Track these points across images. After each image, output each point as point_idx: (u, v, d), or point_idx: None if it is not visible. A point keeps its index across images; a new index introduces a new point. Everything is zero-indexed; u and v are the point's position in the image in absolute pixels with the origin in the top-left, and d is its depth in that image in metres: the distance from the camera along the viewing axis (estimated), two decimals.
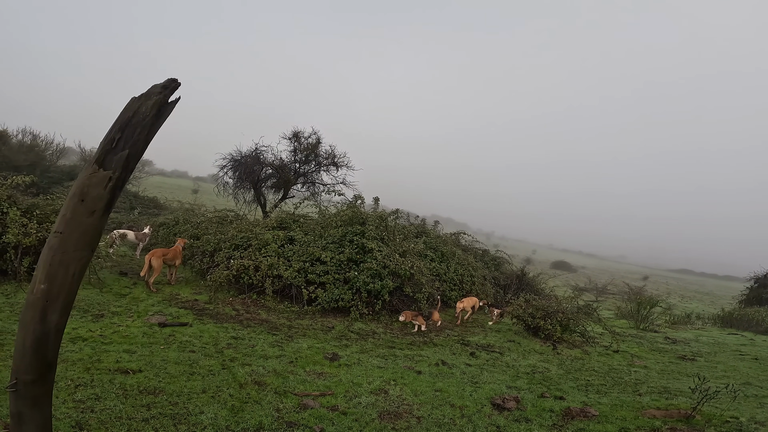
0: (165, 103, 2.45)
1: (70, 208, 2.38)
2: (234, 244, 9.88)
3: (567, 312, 9.62)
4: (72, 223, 2.37)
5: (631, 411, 5.48)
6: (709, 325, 17.66)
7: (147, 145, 2.48)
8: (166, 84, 2.43)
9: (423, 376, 6.07)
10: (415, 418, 4.67)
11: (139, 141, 2.42)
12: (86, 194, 2.37)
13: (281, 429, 3.97)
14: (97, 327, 6.04)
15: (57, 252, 2.37)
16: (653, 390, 6.64)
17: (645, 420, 5.22)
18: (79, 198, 2.37)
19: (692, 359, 9.39)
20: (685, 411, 5.38)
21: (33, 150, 20.09)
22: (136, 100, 2.43)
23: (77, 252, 2.39)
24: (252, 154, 16.42)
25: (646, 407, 5.65)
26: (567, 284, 28.42)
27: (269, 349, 6.21)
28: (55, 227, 2.41)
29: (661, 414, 5.38)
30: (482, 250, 16.55)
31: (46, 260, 2.38)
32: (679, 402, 5.91)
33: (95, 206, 2.39)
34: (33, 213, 7.96)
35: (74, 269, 2.40)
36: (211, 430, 3.75)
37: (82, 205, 2.37)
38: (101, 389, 4.16)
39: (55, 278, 2.37)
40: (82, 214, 2.37)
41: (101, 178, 2.38)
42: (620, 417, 5.25)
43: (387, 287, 9.16)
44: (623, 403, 5.78)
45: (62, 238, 2.37)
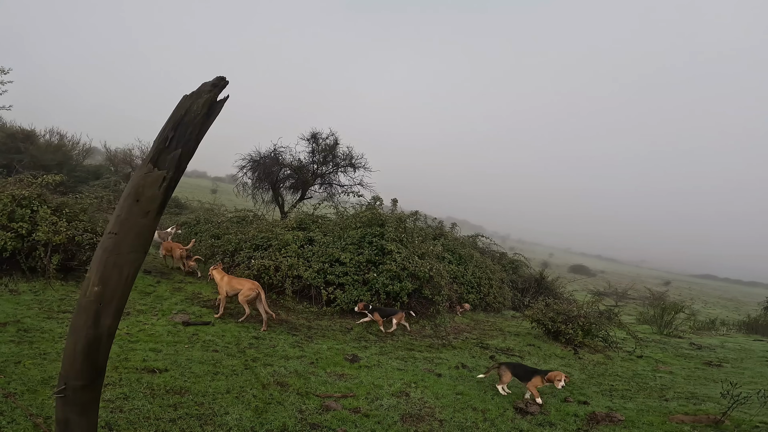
0: (215, 101, 2.40)
1: (125, 209, 2.33)
2: (254, 244, 9.98)
3: (589, 316, 9.45)
4: (127, 224, 2.32)
5: (658, 416, 5.39)
6: (734, 331, 17.18)
7: (198, 143, 2.43)
8: (216, 82, 2.39)
9: (443, 378, 6.05)
10: (437, 421, 4.65)
11: (191, 140, 2.37)
12: (141, 194, 2.32)
13: (305, 430, 3.99)
14: (124, 325, 6.16)
15: (111, 254, 2.32)
16: (680, 395, 6.51)
17: (673, 425, 5.15)
18: (135, 198, 2.32)
19: (718, 365, 9.15)
20: (714, 416, 5.29)
21: (60, 150, 20.63)
22: (188, 98, 2.39)
23: (131, 254, 2.35)
24: (271, 154, 16.56)
25: (673, 412, 5.57)
26: (586, 288, 27.95)
27: (290, 350, 6.25)
28: (109, 228, 2.37)
29: (689, 419, 5.31)
30: (500, 253, 16.40)
31: (101, 262, 2.32)
32: (708, 407, 5.79)
33: (149, 207, 2.34)
34: (62, 211, 8.16)
35: (128, 271, 2.36)
36: (236, 431, 3.78)
37: (137, 206, 2.32)
38: (129, 389, 4.24)
39: (109, 280, 2.32)
40: (136, 214, 2.32)
41: (156, 178, 2.33)
42: (647, 422, 5.17)
43: (406, 289, 9.15)
44: (650, 408, 5.70)
45: (117, 239, 2.32)
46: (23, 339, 5.15)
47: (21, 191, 7.86)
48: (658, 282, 53.24)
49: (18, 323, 5.62)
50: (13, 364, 4.39)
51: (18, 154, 18.58)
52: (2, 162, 17.55)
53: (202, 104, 2.35)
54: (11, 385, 3.97)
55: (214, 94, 2.38)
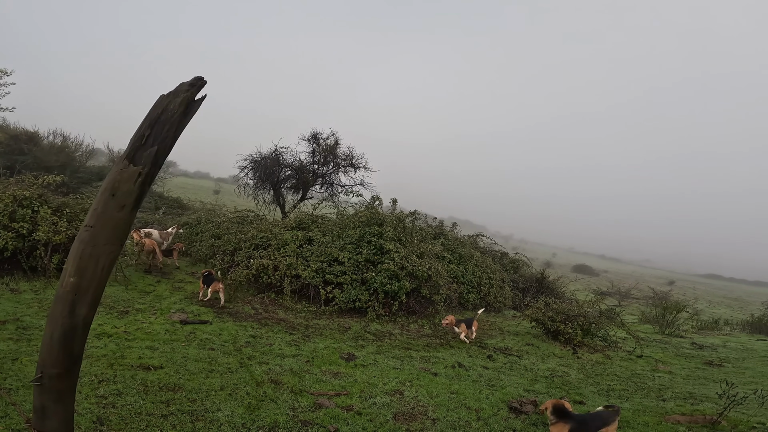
0: (192, 100, 2.49)
1: (101, 203, 2.43)
2: (254, 244, 10.04)
3: (588, 316, 9.42)
4: (103, 218, 2.42)
5: (654, 416, 5.37)
6: (738, 330, 17.05)
7: (175, 141, 2.52)
8: (193, 82, 2.47)
9: (439, 377, 6.05)
10: (430, 419, 4.65)
11: (168, 138, 2.46)
12: (117, 189, 2.42)
13: (296, 428, 4.01)
14: (122, 323, 6.22)
15: (88, 245, 2.41)
16: (678, 395, 6.47)
17: (669, 426, 5.12)
18: (110, 193, 2.42)
19: (719, 365, 9.09)
20: (711, 417, 5.27)
21: (63, 151, 20.78)
22: (165, 97, 2.47)
23: (107, 246, 2.44)
24: (271, 155, 16.65)
25: (669, 413, 5.54)
26: (588, 288, 27.84)
27: (286, 348, 6.28)
28: (86, 221, 2.46)
29: (685, 419, 5.28)
30: (501, 253, 16.36)
31: (77, 253, 2.42)
32: (705, 408, 5.76)
33: (125, 201, 2.44)
34: (63, 212, 8.25)
35: (104, 263, 2.45)
36: (227, 427, 3.81)
37: (113, 200, 2.42)
38: (123, 385, 4.28)
39: (85, 271, 2.41)
40: (112, 208, 2.42)
41: (131, 173, 2.42)
42: (643, 422, 5.15)
43: (404, 288, 9.16)
44: (646, 409, 5.67)
45: (93, 232, 2.41)
46: (22, 336, 5.21)
47: (22, 192, 7.95)
48: (662, 282, 52.95)
49: (17, 321, 5.68)
50: (10, 361, 4.44)
51: (21, 156, 18.74)
52: (6, 163, 17.71)
53: (179, 103, 2.44)
54: (7, 381, 4.02)
55: (191, 93, 2.46)
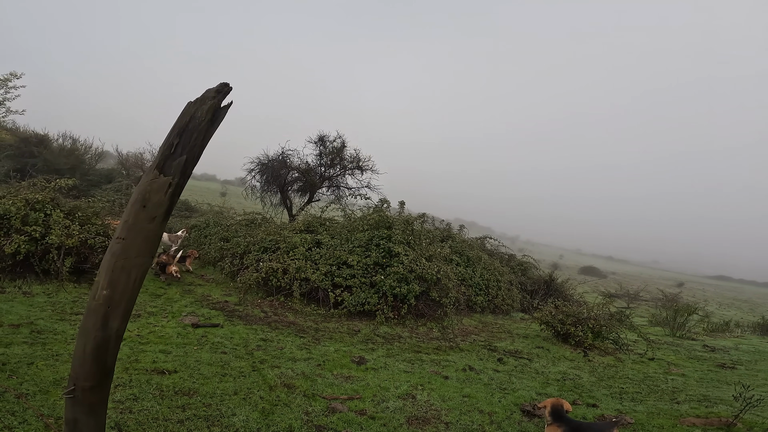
0: (218, 107, 2.45)
1: (132, 215, 2.40)
2: (263, 247, 10.07)
3: (599, 318, 9.36)
4: (134, 230, 2.39)
5: (669, 419, 5.33)
6: (749, 333, 16.86)
7: (203, 149, 2.48)
8: (219, 88, 2.43)
9: (450, 381, 6.03)
10: (443, 423, 4.64)
11: (196, 146, 2.42)
12: (148, 200, 2.39)
13: None
14: (135, 327, 6.25)
15: (120, 258, 2.38)
16: (692, 398, 6.42)
17: (684, 428, 5.10)
18: (141, 204, 2.39)
19: (732, 367, 9.01)
20: (726, 419, 5.23)
21: (73, 154, 20.97)
22: (192, 104, 2.43)
23: (139, 258, 2.42)
24: (279, 158, 16.68)
25: (684, 415, 5.50)
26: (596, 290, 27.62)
27: (297, 352, 6.28)
28: (117, 233, 2.44)
29: (700, 422, 5.24)
30: (508, 255, 16.30)
31: (109, 266, 2.39)
32: (720, 410, 5.71)
33: (156, 212, 2.41)
34: (75, 215, 8.31)
35: (135, 275, 2.43)
36: None
37: (143, 212, 2.39)
38: (139, 389, 4.30)
39: (117, 284, 2.39)
40: (143, 220, 2.40)
41: (162, 184, 2.39)
42: (658, 425, 5.12)
43: (413, 291, 9.14)
44: (660, 411, 5.62)
45: (125, 244, 2.39)
46: (36, 340, 5.24)
47: (34, 195, 8.01)
48: (671, 283, 52.45)
49: (31, 325, 5.72)
50: (26, 365, 4.47)
51: (32, 158, 18.93)
52: (16, 166, 17.89)
53: (207, 110, 2.40)
54: (23, 386, 4.04)
55: (218, 100, 2.42)
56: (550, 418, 4.07)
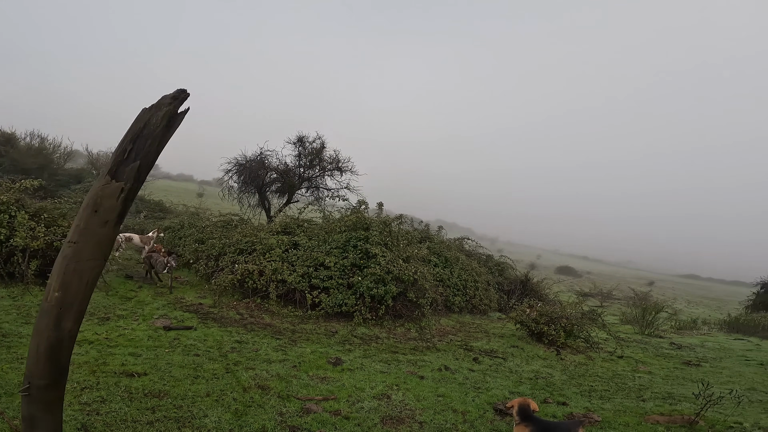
0: (175, 113, 2.49)
1: (83, 219, 2.45)
2: (238, 249, 9.95)
3: (571, 317, 9.58)
4: (86, 234, 2.44)
5: (635, 417, 5.46)
6: (716, 330, 17.52)
7: (158, 155, 2.53)
8: (176, 95, 2.47)
9: (426, 381, 6.08)
10: (417, 423, 4.68)
11: (150, 152, 2.47)
12: (99, 205, 2.44)
13: None
14: (103, 330, 6.11)
15: (71, 261, 2.43)
16: (657, 395, 6.61)
17: (648, 426, 5.21)
18: (93, 209, 2.43)
19: (697, 365, 9.33)
20: (689, 417, 5.36)
21: (41, 153, 20.32)
22: (147, 111, 2.47)
23: (91, 261, 2.46)
24: (257, 158, 16.53)
25: (649, 413, 5.64)
26: (571, 289, 28.26)
27: (273, 354, 6.24)
28: (69, 237, 2.47)
29: (664, 419, 5.37)
30: (486, 255, 16.52)
31: (61, 269, 2.44)
32: (683, 408, 5.89)
33: (108, 217, 2.46)
34: (41, 216, 8.06)
35: (88, 278, 2.47)
36: None
37: (95, 216, 2.43)
38: (107, 392, 4.21)
39: (69, 286, 2.43)
40: (95, 224, 2.44)
41: (114, 189, 2.44)
42: (623, 423, 5.23)
43: (390, 292, 9.18)
44: (626, 409, 5.76)
45: (76, 248, 2.43)
46: (1, 344, 5.09)
47: None
48: (643, 282, 54.03)
49: None
50: None
51: None
52: None
53: (162, 117, 2.45)
54: None
55: (174, 107, 2.48)
56: (518, 417, 4.16)
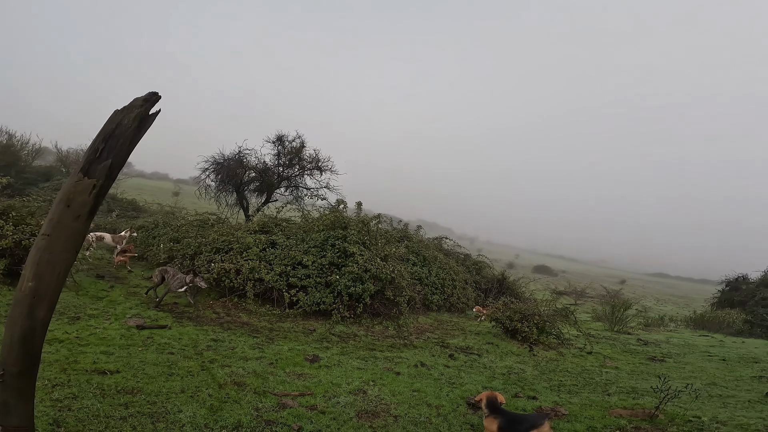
0: (146, 115, 2.63)
1: (57, 213, 2.57)
2: (215, 248, 9.87)
3: (543, 315, 9.84)
4: (59, 227, 2.56)
5: (600, 410, 5.63)
6: (682, 327, 18.16)
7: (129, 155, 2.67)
8: (147, 97, 2.63)
9: (402, 377, 6.18)
10: (392, 417, 4.78)
11: (122, 151, 2.61)
12: (72, 200, 2.56)
13: (260, 427, 4.04)
14: (74, 329, 6.00)
15: (45, 253, 2.54)
16: (622, 390, 6.84)
17: (612, 419, 5.36)
18: (66, 204, 2.56)
19: (662, 360, 9.68)
20: (650, 410, 5.54)
21: (8, 150, 19.62)
22: (119, 112, 2.61)
23: (63, 253, 2.58)
24: (235, 157, 16.36)
25: (613, 407, 5.81)
26: (547, 288, 28.89)
27: (249, 351, 6.24)
28: (42, 230, 2.58)
29: (627, 413, 5.53)
30: (464, 255, 16.76)
31: (35, 260, 2.55)
32: (645, 402, 6.08)
33: (80, 211, 2.58)
34: (9, 215, 7.83)
35: (60, 269, 2.59)
36: (189, 428, 3.80)
37: (68, 211, 2.56)
38: (78, 389, 4.18)
39: (42, 277, 2.54)
40: (68, 218, 2.57)
41: (86, 185, 2.58)
42: (589, 416, 5.39)
43: (368, 291, 9.25)
44: (592, 403, 5.94)
45: (49, 240, 2.55)
46: None
47: None
48: (615, 281, 55.54)
49: None
50: None
51: None
52: None
53: (133, 118, 2.59)
54: None
55: (145, 108, 2.62)
56: (487, 410, 4.32)
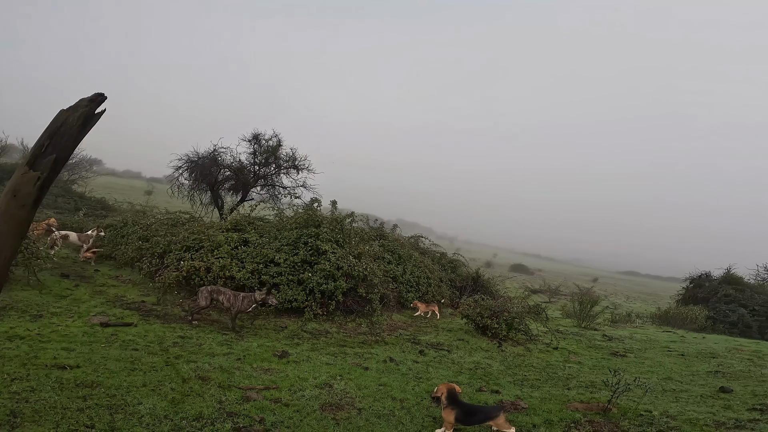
0: (91, 114, 2.78)
1: (3, 203, 2.71)
2: (185, 246, 9.77)
3: (512, 311, 10.04)
4: (5, 215, 2.70)
5: (558, 404, 5.74)
6: (648, 323, 18.69)
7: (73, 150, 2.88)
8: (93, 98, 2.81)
9: (370, 372, 6.26)
10: (356, 409, 4.86)
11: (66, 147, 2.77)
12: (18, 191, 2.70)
13: (221, 418, 4.09)
14: (35, 326, 5.91)
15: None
16: (581, 384, 6.99)
17: (568, 413, 5.45)
18: (12, 194, 2.70)
19: (623, 355, 9.94)
20: (604, 404, 5.64)
21: None
22: (65, 111, 2.75)
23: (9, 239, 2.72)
24: (209, 155, 16.19)
25: (571, 400, 5.93)
26: (523, 286, 29.40)
27: (217, 348, 6.24)
28: None
29: (582, 407, 5.65)
30: (440, 253, 16.98)
31: None
32: (602, 396, 6.20)
33: (25, 201, 2.74)
34: None
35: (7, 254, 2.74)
36: (148, 418, 3.82)
37: (14, 200, 2.71)
38: (37, 382, 4.17)
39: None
40: (13, 207, 2.71)
41: (31, 177, 2.73)
42: (547, 410, 5.50)
43: (340, 288, 9.30)
44: (552, 397, 6.07)
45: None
46: None
47: None
48: (588, 279, 56.86)
49: None
50: None
51: None
52: None
53: (78, 117, 2.75)
54: None
55: (90, 108, 2.77)
56: (446, 401, 4.48)
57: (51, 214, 14.66)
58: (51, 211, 15.91)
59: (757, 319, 19.52)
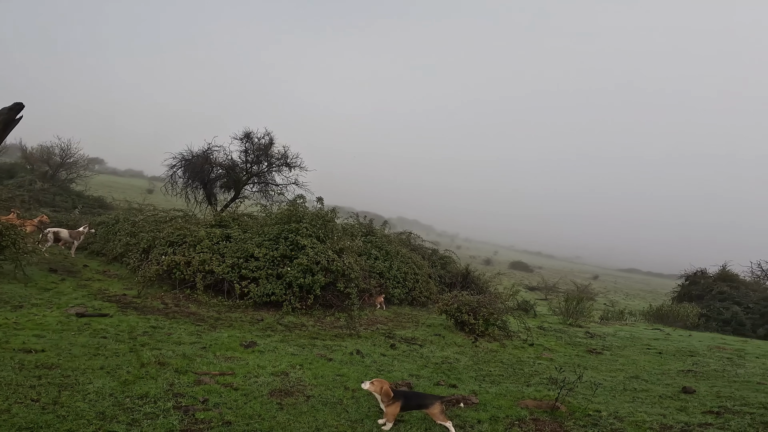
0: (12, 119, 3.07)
1: None
2: (169, 241, 10.08)
3: (490, 307, 10.09)
4: None
5: (510, 400, 5.69)
6: (641, 320, 18.53)
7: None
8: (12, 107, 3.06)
9: (333, 363, 6.41)
10: (304, 396, 5.04)
11: None
12: None
13: (166, 398, 4.35)
14: (14, 316, 6.23)
15: None
16: (543, 381, 6.90)
17: (518, 409, 5.39)
18: None
19: (599, 352, 9.87)
20: (552, 402, 5.54)
21: None
22: None
23: None
24: (202, 153, 16.54)
25: (525, 397, 5.86)
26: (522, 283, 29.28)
27: (186, 337, 6.50)
28: None
29: (534, 404, 5.58)
30: (431, 250, 17.13)
31: None
32: (554, 394, 6.06)
33: None
34: None
35: None
36: (94, 396, 4.12)
37: None
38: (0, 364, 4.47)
39: None
40: None
41: None
42: (497, 406, 5.46)
43: (318, 282, 9.50)
44: (508, 393, 6.02)
45: None
46: None
47: None
48: (588, 276, 56.23)
49: None
50: None
51: None
52: None
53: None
54: None
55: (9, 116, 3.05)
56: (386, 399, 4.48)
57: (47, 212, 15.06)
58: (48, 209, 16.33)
59: (751, 317, 19.34)
